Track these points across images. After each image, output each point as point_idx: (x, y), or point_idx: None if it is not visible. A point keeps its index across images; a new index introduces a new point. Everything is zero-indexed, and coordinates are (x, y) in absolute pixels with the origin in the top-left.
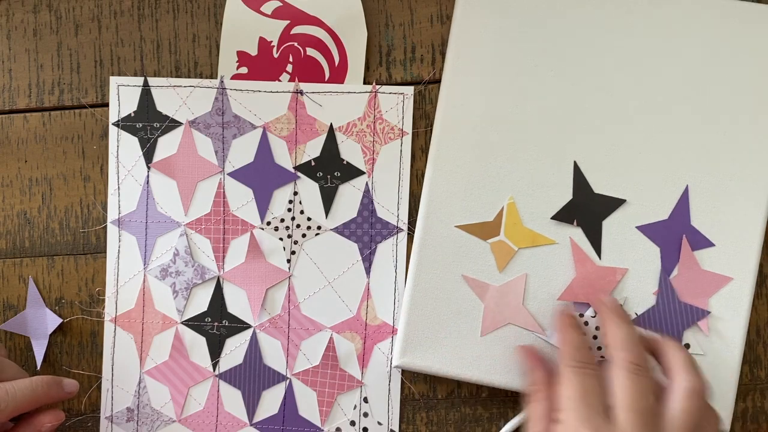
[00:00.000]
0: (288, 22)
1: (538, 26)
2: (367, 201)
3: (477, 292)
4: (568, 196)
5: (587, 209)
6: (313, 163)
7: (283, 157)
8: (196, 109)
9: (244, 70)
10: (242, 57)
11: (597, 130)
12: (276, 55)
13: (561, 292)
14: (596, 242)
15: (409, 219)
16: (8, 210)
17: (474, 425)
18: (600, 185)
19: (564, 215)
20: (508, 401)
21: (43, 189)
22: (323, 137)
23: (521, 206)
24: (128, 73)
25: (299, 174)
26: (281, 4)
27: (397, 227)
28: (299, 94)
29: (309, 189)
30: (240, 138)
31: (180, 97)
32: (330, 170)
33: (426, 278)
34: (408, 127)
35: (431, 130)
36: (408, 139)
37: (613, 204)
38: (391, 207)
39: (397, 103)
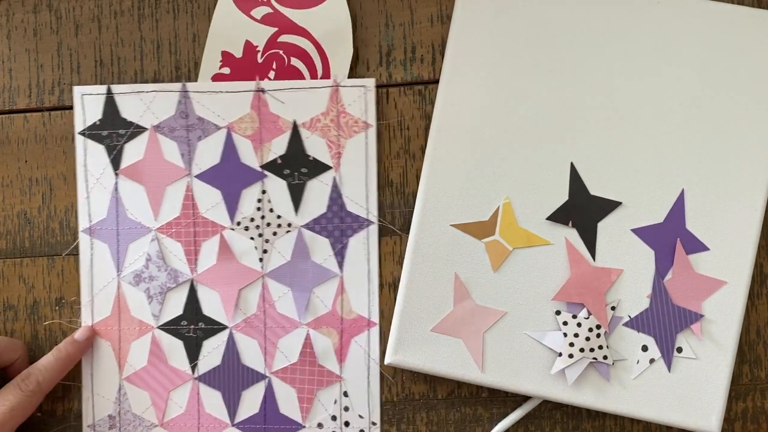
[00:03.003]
0: (276, 29)
1: (537, 28)
2: (336, 196)
3: (456, 295)
4: (564, 197)
5: (583, 211)
6: (279, 161)
7: (249, 157)
8: (160, 114)
9: (226, 70)
10: (226, 57)
11: (594, 132)
12: (260, 60)
13: (555, 292)
14: (591, 244)
15: (378, 211)
16: (8, 210)
17: (474, 425)
18: (596, 187)
19: (559, 216)
20: (509, 401)
21: (43, 189)
22: (288, 134)
23: (517, 206)
24: (128, 73)
25: (266, 172)
26: (272, 11)
27: (368, 220)
28: (261, 93)
29: (277, 187)
30: (205, 140)
31: (144, 103)
32: (297, 167)
33: (420, 276)
34: (372, 120)
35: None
36: (373, 132)
37: (608, 206)
38: (360, 200)
39: (359, 96)
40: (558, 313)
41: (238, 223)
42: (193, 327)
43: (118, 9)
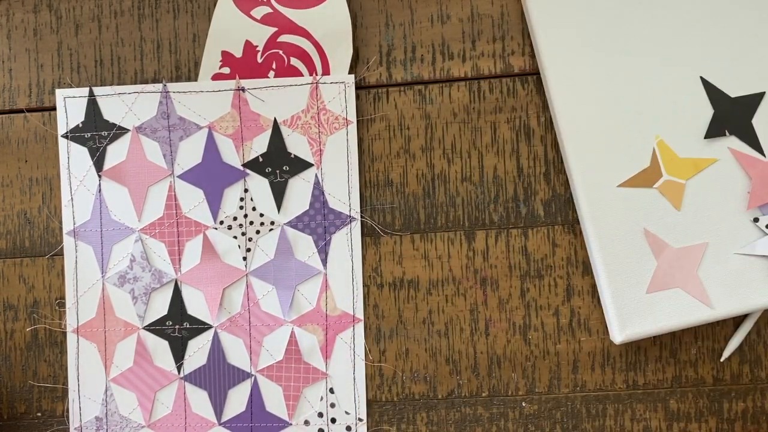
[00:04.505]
0: (276, 29)
1: None
2: (318, 193)
3: (654, 249)
4: (708, 111)
5: (732, 116)
6: (260, 159)
7: (231, 155)
8: (142, 115)
9: (226, 70)
10: (226, 57)
11: (713, 38)
12: (260, 60)
13: (746, 201)
14: (755, 142)
15: (361, 207)
16: (8, 210)
17: (474, 425)
18: (734, 89)
19: (714, 130)
20: (509, 401)
21: (43, 189)
22: (269, 132)
23: (669, 141)
24: (128, 73)
25: (248, 171)
26: (271, 11)
27: (350, 216)
28: (241, 91)
29: (259, 185)
30: (187, 140)
31: (125, 104)
32: (278, 165)
33: (611, 249)
34: (352, 116)
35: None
36: (353, 128)
37: (754, 100)
38: (342, 197)
39: (339, 93)
40: (756, 220)
41: (221, 222)
42: (178, 327)
43: (118, 9)
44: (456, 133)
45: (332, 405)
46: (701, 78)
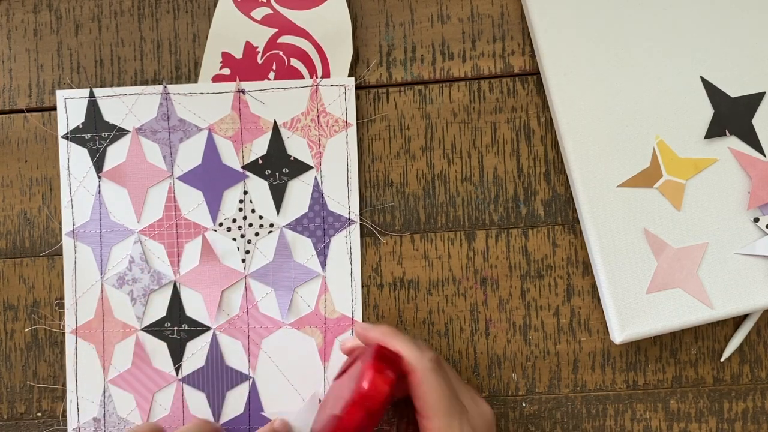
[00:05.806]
0: (276, 30)
1: None
2: (318, 195)
3: (653, 249)
4: (708, 111)
5: (733, 116)
6: (260, 161)
7: (231, 158)
8: (142, 116)
9: (226, 71)
10: (226, 58)
11: (711, 37)
12: (260, 61)
13: (746, 202)
14: (755, 142)
15: (360, 210)
16: (8, 210)
17: None
18: (734, 88)
19: (714, 130)
20: (509, 401)
21: (43, 189)
22: (269, 134)
23: (669, 141)
24: (128, 73)
25: (248, 173)
26: (272, 11)
27: (349, 219)
28: (241, 93)
29: (259, 187)
30: (186, 141)
31: (126, 106)
32: (278, 167)
33: (611, 249)
34: (352, 119)
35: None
36: (353, 131)
37: (754, 100)
38: (341, 200)
39: (339, 95)
40: (756, 220)
41: (220, 224)
42: (176, 329)
43: (118, 9)
44: (456, 133)
45: None
46: (701, 78)
